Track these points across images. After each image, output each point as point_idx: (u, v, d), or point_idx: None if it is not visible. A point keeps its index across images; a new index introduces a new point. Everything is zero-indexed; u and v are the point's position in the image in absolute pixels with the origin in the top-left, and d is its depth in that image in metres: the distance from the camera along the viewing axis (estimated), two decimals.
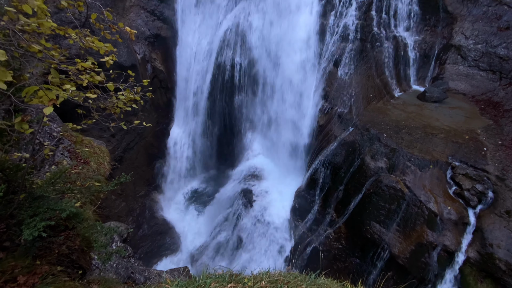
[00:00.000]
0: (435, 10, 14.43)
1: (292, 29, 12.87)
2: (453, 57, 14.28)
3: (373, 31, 12.98)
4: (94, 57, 2.80)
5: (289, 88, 13.71)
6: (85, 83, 2.37)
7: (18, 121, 1.79)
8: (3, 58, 1.54)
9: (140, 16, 17.12)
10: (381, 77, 13.35)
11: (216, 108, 15.61)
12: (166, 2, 16.94)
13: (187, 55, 16.17)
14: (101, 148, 8.36)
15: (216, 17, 14.91)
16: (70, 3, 2.48)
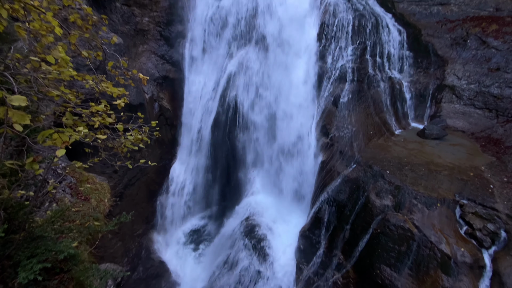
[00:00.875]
0: (426, 54, 15.44)
1: (292, 71, 13.70)
2: (448, 97, 14.84)
3: (368, 73, 13.75)
4: (107, 99, 2.99)
5: (290, 125, 14.07)
6: (96, 124, 2.50)
7: (29, 161, 1.86)
8: (24, 103, 1.68)
9: (151, 60, 18.46)
10: (380, 115, 13.74)
11: (218, 145, 15.87)
12: (175, 48, 18.39)
13: (193, 95, 17.00)
14: (103, 184, 8.34)
15: (221, 61, 16.02)
16: (90, 53, 2.75)
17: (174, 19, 17.93)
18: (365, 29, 14.03)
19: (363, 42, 14.04)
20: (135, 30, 18.13)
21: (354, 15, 14.09)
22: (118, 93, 2.76)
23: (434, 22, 16.34)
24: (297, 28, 14.04)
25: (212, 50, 16.31)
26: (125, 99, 3.17)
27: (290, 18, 14.20)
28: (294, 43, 13.95)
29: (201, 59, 16.90)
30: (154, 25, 18.32)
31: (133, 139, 3.09)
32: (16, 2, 2.48)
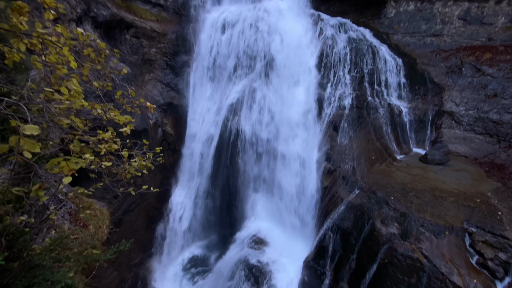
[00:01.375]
0: (423, 82, 15.92)
1: (293, 98, 14.09)
2: (447, 122, 15.02)
3: (367, 99, 14.10)
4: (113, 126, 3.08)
5: (292, 150, 14.12)
6: (103, 151, 2.56)
7: (35, 188, 1.89)
8: (36, 132, 1.75)
9: (156, 88, 19.14)
10: (381, 141, 13.82)
11: (220, 170, 15.83)
12: (180, 76, 19.16)
13: (196, 120, 17.34)
14: (102, 210, 8.23)
15: (224, 88, 16.57)
16: (100, 83, 2.91)
17: (180, 50, 18.89)
18: (362, 59, 14.65)
19: (361, 71, 14.58)
20: (142, 60, 19.06)
21: (351, 46, 14.81)
22: (125, 121, 2.87)
23: (429, 52, 17.07)
24: (297, 58, 14.70)
25: (216, 78, 16.96)
26: (130, 126, 3.27)
27: (290, 48, 14.92)
28: (295, 72, 14.51)
29: (204, 87, 17.50)
30: (161, 55, 19.28)
31: (137, 165, 3.14)
32: (35, 38, 2.68)
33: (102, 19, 15.83)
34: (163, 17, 20.21)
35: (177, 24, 19.75)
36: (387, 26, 17.80)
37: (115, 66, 12.12)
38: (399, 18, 17.56)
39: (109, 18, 16.11)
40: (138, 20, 18.26)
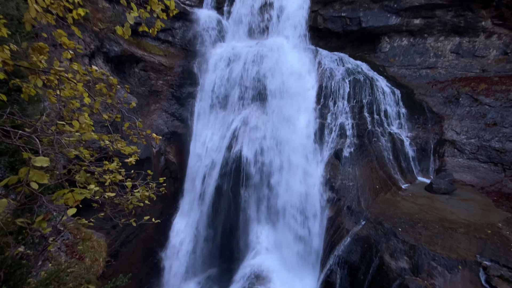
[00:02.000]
0: (421, 111, 16.24)
1: (294, 128, 14.34)
2: (450, 151, 15.00)
3: (368, 128, 14.30)
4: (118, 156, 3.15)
5: (295, 179, 14.00)
6: (107, 182, 2.60)
7: (39, 220, 1.90)
8: (46, 164, 1.81)
9: (161, 117, 19.67)
10: (384, 169, 13.72)
11: (222, 199, 15.58)
12: (185, 106, 19.78)
13: (199, 149, 17.50)
14: (100, 242, 7.99)
15: (227, 117, 16.99)
16: (109, 115, 3.05)
17: (185, 82, 19.75)
18: (360, 90, 15.15)
19: (360, 101, 15.00)
20: (149, 91, 19.87)
21: (349, 77, 15.43)
22: (130, 151, 2.95)
23: (425, 83, 17.66)
24: (298, 89, 15.25)
25: (219, 108, 17.47)
26: (135, 156, 3.35)
27: (291, 80, 15.56)
28: (295, 102, 14.96)
29: (208, 116, 17.96)
30: (167, 87, 20.13)
31: (140, 195, 3.15)
32: (52, 74, 2.88)
33: (114, 54, 16.86)
34: (170, 52, 21.47)
35: (183, 59, 20.89)
36: (383, 59, 18.68)
37: (124, 99, 12.67)
38: (394, 52, 18.49)
39: (120, 53, 17.15)
40: (147, 55, 19.39)
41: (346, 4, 18.09)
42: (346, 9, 18.25)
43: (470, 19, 16.18)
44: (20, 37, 6.73)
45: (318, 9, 18.83)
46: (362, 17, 17.95)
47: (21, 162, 3.39)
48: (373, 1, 17.49)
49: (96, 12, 15.74)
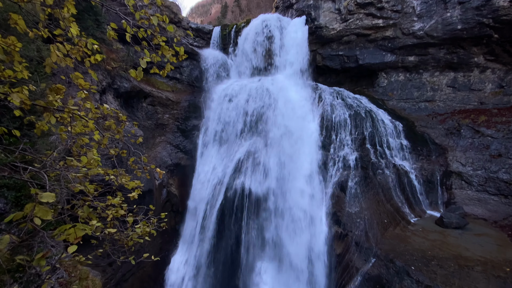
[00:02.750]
0: (424, 143, 16.27)
1: (298, 160, 14.34)
2: (457, 183, 14.68)
3: (372, 160, 14.24)
4: (121, 189, 3.17)
5: (300, 213, 13.61)
6: (109, 217, 2.59)
7: (38, 257, 1.87)
8: (52, 200, 1.84)
9: (166, 149, 19.94)
10: (391, 202, 13.34)
11: (223, 233, 15.03)
12: (190, 138, 20.16)
13: (202, 180, 17.39)
14: (95, 281, 7.60)
15: (230, 149, 17.16)
16: (116, 151, 3.15)
17: (191, 115, 20.41)
18: (361, 122, 15.43)
19: (361, 133, 15.18)
20: (155, 124, 20.45)
21: (350, 110, 15.83)
22: (134, 185, 2.98)
23: (425, 115, 17.98)
24: (300, 122, 15.59)
25: (223, 140, 17.75)
26: (138, 191, 3.36)
27: (293, 113, 15.99)
28: (298, 134, 15.18)
29: (212, 148, 18.17)
30: (173, 120, 20.75)
31: (141, 231, 3.09)
32: (66, 112, 3.05)
33: (124, 90, 17.75)
34: (178, 88, 22.53)
35: (190, 94, 21.84)
36: (382, 93, 19.31)
37: (132, 135, 13.05)
38: (392, 86, 19.17)
39: (129, 89, 18.06)
40: (156, 90, 20.36)
41: (343, 44, 19.29)
42: (343, 48, 19.41)
43: (462, 56, 17.00)
44: (38, 76, 7.20)
45: (317, 48, 20.06)
46: (358, 55, 18.99)
47: (27, 197, 3.42)
48: (368, 41, 18.65)
49: (110, 53, 16.95)
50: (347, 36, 18.79)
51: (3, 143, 3.58)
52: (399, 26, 17.46)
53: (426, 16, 16.69)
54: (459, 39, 16.34)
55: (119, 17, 3.14)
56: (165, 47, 2.68)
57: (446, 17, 16.03)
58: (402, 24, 17.33)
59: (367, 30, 18.18)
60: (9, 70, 2.99)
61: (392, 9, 17.28)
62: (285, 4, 28.50)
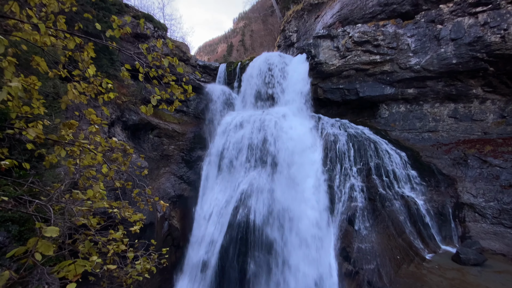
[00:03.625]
0: (431, 173, 15.98)
1: (302, 192, 14.10)
2: (470, 215, 14.06)
3: (379, 191, 13.92)
4: (122, 223, 3.13)
5: (307, 248, 12.98)
6: (110, 253, 2.53)
7: None
8: (55, 234, 1.83)
9: (170, 180, 19.89)
10: (403, 237, 12.72)
11: (226, 270, 14.23)
12: (194, 169, 20.19)
13: (204, 213, 17.01)
14: None
15: (234, 180, 17.03)
16: (122, 183, 3.18)
17: (196, 146, 20.70)
18: (365, 153, 15.42)
19: (366, 163, 15.07)
20: (161, 155, 20.69)
21: (353, 141, 15.92)
22: (136, 219, 2.95)
23: (429, 145, 17.93)
24: (303, 153, 15.65)
25: (227, 171, 17.72)
26: (140, 224, 3.31)
27: (296, 144, 16.13)
28: (302, 166, 15.13)
29: (215, 179, 18.08)
30: (178, 151, 21.02)
31: (141, 268, 2.97)
32: (76, 146, 3.16)
33: (132, 122, 18.34)
34: (184, 120, 23.21)
35: (196, 126, 22.41)
36: (384, 124, 19.55)
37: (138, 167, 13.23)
38: (394, 117, 19.47)
39: (137, 122, 18.66)
40: (163, 123, 20.98)
41: (343, 78, 20.12)
42: (343, 82, 20.19)
43: (460, 88, 17.46)
44: (53, 111, 7.56)
45: (318, 82, 20.90)
46: (358, 88, 19.66)
47: (30, 231, 3.39)
48: (367, 75, 19.44)
49: (121, 88, 17.88)
50: (346, 71, 19.65)
51: (12, 175, 3.65)
52: (396, 61, 18.30)
53: (421, 52, 17.55)
54: (455, 72, 16.94)
55: (131, 56, 3.41)
56: (174, 86, 2.87)
57: (441, 52, 16.82)
58: (399, 59, 18.18)
59: (365, 65, 19.05)
60: (26, 106, 3.18)
61: (388, 46, 18.28)
62: (287, 43, 30.42)
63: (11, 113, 2.78)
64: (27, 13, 3.41)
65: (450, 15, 16.39)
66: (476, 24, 15.51)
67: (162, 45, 3.48)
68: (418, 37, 17.57)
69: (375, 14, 19.83)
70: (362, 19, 20.37)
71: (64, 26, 2.93)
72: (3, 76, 3.43)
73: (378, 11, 19.67)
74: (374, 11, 19.84)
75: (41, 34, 3.16)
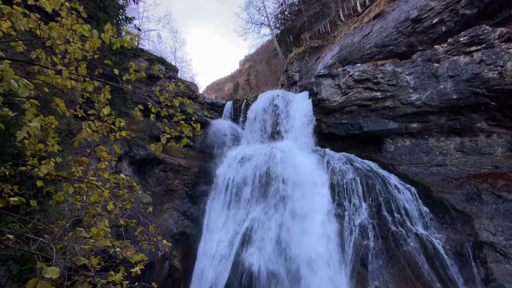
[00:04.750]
0: (445, 210, 15.28)
1: (310, 230, 13.51)
2: (492, 256, 13.05)
3: (391, 229, 13.24)
4: (123, 263, 3.00)
5: None
6: None
7: None
8: (56, 276, 1.77)
9: (172, 216, 19.41)
10: (421, 280, 11.72)
11: None
12: (198, 204, 19.81)
13: (207, 253, 16.23)
14: None
15: (238, 217, 16.54)
16: (126, 220, 3.14)
17: (201, 180, 20.60)
18: (374, 188, 15.04)
19: (375, 199, 14.61)
20: (165, 190, 20.54)
21: (360, 175, 15.66)
22: (137, 259, 2.84)
23: (439, 180, 17.46)
24: (310, 188, 15.37)
25: (231, 206, 17.33)
26: (141, 265, 3.18)
27: (302, 178, 15.93)
28: (309, 201, 14.75)
29: (219, 215, 17.61)
30: (182, 186, 20.88)
31: None
32: (84, 182, 3.21)
33: (139, 157, 18.62)
34: (190, 155, 23.48)
35: (201, 160, 22.57)
36: (390, 158, 19.38)
37: (143, 204, 13.12)
38: (399, 151, 19.36)
39: (144, 157, 18.94)
40: (169, 157, 21.24)
41: (345, 113, 20.60)
42: (346, 117, 20.62)
43: (464, 122, 17.57)
44: (65, 148, 7.80)
45: (321, 117, 21.38)
46: (362, 123, 19.97)
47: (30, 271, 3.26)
48: (369, 110, 19.90)
49: (131, 124, 18.55)
50: (348, 107, 20.19)
51: (19, 212, 3.65)
52: (397, 97, 18.83)
53: (420, 88, 18.12)
54: (457, 107, 17.21)
55: (145, 97, 3.62)
56: (184, 124, 3.01)
57: (440, 88, 17.33)
58: (400, 95, 18.73)
59: (367, 101, 19.62)
60: (41, 143, 3.32)
61: (387, 83, 18.99)
62: (290, 82, 31.95)
63: (27, 150, 2.91)
64: (51, 59, 3.75)
65: (445, 54, 17.24)
66: (472, 62, 16.18)
67: (171, 82, 3.71)
68: (417, 75, 18.29)
69: (373, 54, 21.03)
70: (360, 60, 21.57)
71: (85, 71, 3.19)
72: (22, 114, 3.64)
73: (375, 52, 20.90)
74: (372, 52, 21.08)
75: (62, 78, 3.43)
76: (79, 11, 3.06)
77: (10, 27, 3.38)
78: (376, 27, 20.89)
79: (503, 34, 14.94)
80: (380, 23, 20.71)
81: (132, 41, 3.00)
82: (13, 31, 3.54)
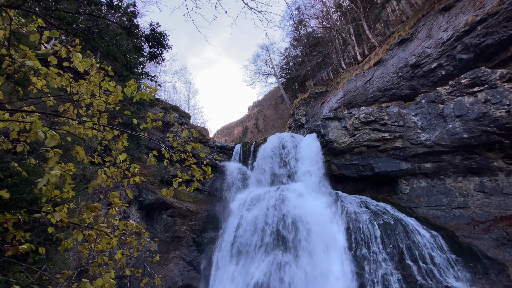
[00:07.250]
0: (475, 257, 13.85)
1: (327, 278, 12.32)
2: None
3: (418, 281, 11.92)
4: None
5: None
6: None
7: None
8: None
9: (178, 267, 18.29)
10: None
11: None
12: (205, 253, 18.77)
13: None
14: None
15: (248, 268, 15.39)
16: (132, 270, 3.01)
17: (208, 227, 19.88)
18: (393, 232, 14.05)
19: (397, 246, 13.52)
20: (172, 237, 19.80)
21: (377, 220, 14.79)
22: None
23: (463, 223, 16.23)
24: (324, 233, 14.48)
25: (240, 255, 16.28)
26: None
27: (316, 223, 15.13)
28: (324, 248, 13.76)
29: (227, 266, 16.46)
30: (190, 232, 20.13)
31: None
32: (94, 229, 3.18)
33: (148, 202, 18.48)
34: (198, 199, 23.16)
35: (210, 204, 22.14)
36: (407, 200, 18.47)
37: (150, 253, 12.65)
38: (416, 193, 18.52)
39: (153, 201, 18.80)
40: (177, 202, 20.98)
41: (355, 154, 20.48)
42: (356, 158, 20.44)
43: (480, 161, 17.01)
44: (77, 192, 7.92)
45: (331, 159, 21.27)
46: (373, 164, 19.65)
47: None
48: (379, 151, 19.74)
49: (142, 169, 18.90)
50: (357, 148, 20.16)
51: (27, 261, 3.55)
52: (406, 138, 18.78)
53: (429, 128, 18.14)
54: (470, 146, 16.87)
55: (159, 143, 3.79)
56: (195, 168, 3.09)
57: (449, 128, 17.29)
58: (408, 135, 18.71)
59: (375, 142, 19.62)
60: (57, 190, 3.41)
61: (395, 124, 19.18)
62: (297, 125, 32.81)
63: (43, 197, 2.99)
64: (77, 111, 4.09)
65: (449, 95, 17.63)
66: (477, 101, 16.38)
67: (184, 128, 3.89)
68: (423, 115, 18.50)
69: (377, 98, 21.75)
70: (365, 103, 22.27)
71: (105, 121, 3.44)
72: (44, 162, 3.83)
73: (379, 95, 21.65)
74: (376, 95, 21.85)
75: (84, 128, 3.69)
76: (106, 70, 3.45)
77: (44, 85, 3.79)
78: (377, 73, 22.04)
79: (503, 75, 15.39)
80: (380, 69, 21.88)
81: (150, 94, 3.29)
82: (46, 88, 3.95)
